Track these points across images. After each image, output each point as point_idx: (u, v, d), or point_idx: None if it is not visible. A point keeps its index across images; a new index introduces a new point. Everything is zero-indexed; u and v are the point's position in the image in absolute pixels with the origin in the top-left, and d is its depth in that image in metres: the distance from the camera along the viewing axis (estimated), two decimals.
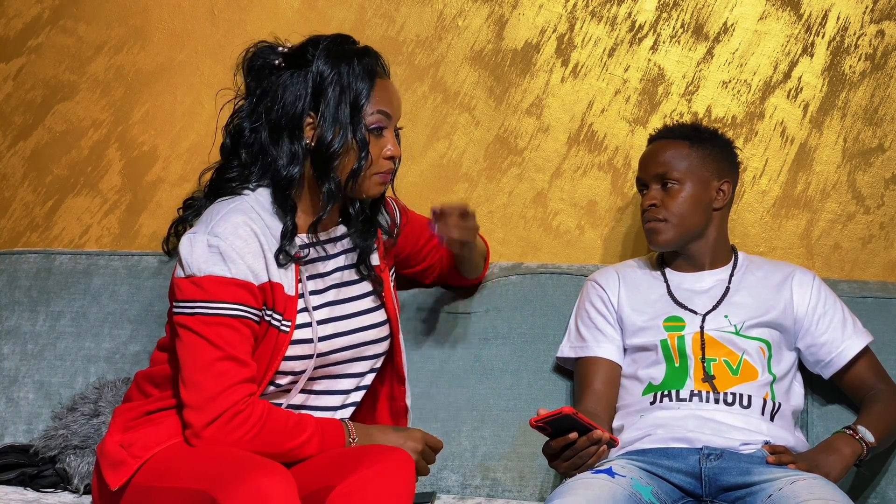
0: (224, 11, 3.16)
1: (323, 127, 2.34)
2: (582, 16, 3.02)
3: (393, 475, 2.19)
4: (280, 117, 2.36)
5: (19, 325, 2.96)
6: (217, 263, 2.26)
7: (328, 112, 2.34)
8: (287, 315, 2.33)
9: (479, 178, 3.05)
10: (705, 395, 2.51)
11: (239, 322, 2.26)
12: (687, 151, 2.60)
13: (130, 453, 2.27)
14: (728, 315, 2.58)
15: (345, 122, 2.34)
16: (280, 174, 2.35)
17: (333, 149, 2.34)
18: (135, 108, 3.20)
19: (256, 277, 2.29)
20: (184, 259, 2.28)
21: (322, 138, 2.34)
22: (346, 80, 2.35)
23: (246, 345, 2.27)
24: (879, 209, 2.91)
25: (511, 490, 2.71)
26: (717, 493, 2.42)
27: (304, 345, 2.35)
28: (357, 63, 2.36)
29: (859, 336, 2.61)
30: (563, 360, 2.72)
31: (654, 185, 2.61)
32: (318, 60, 2.35)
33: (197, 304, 2.25)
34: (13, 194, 3.24)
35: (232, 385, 2.22)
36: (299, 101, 2.35)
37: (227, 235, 2.28)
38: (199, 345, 2.24)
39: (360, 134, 2.35)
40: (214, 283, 2.25)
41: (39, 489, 2.68)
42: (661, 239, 2.60)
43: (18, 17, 3.24)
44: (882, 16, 2.91)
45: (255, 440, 2.23)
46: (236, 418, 2.22)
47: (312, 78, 2.35)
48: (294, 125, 2.35)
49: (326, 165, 2.35)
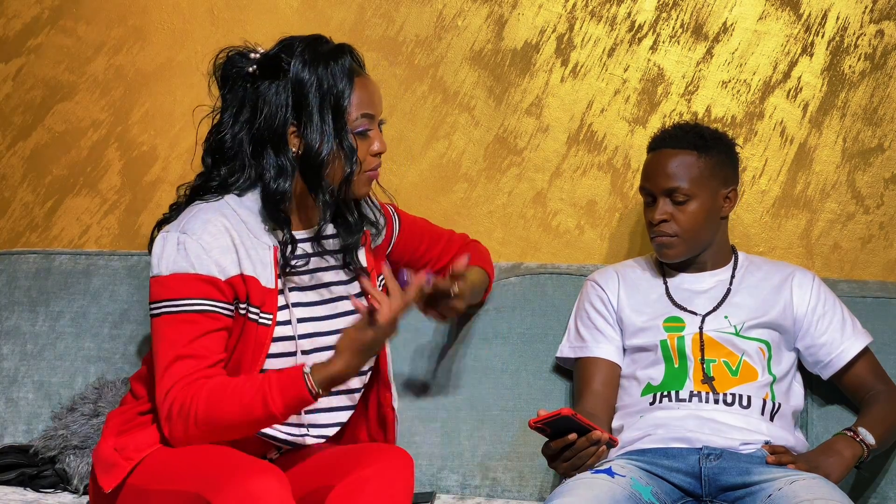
0: (224, 11, 3.16)
1: (308, 136, 2.30)
2: (581, 16, 3.01)
3: (392, 474, 2.18)
4: (262, 130, 2.32)
5: (19, 325, 2.96)
6: (181, 260, 2.27)
7: (311, 120, 2.30)
8: (266, 308, 2.31)
9: (478, 178, 3.05)
10: (705, 395, 2.51)
11: (203, 316, 2.26)
12: (695, 161, 2.56)
13: (123, 456, 2.28)
14: (728, 316, 2.58)
15: (329, 128, 2.31)
16: (270, 189, 2.32)
17: (322, 157, 2.30)
18: (134, 109, 3.19)
19: (223, 272, 2.28)
20: (154, 258, 2.31)
21: (309, 148, 2.31)
22: (326, 84, 2.31)
23: (210, 337, 2.26)
24: (879, 209, 2.91)
25: (511, 490, 2.71)
26: (717, 492, 2.42)
27: (286, 342, 2.34)
28: (334, 64, 2.32)
29: (859, 337, 2.60)
30: (562, 359, 2.72)
31: (662, 198, 2.56)
32: (295, 66, 2.31)
33: (163, 304, 2.27)
34: (13, 194, 3.24)
35: (177, 381, 2.22)
36: (280, 112, 2.31)
37: (195, 231, 2.28)
38: (160, 348, 2.26)
39: (346, 141, 2.32)
40: (178, 280, 2.27)
41: (39, 489, 2.68)
42: (671, 253, 2.58)
43: (18, 17, 3.24)
44: (882, 16, 2.91)
45: (198, 414, 2.20)
46: (174, 406, 2.22)
47: (291, 86, 2.31)
48: (278, 137, 2.32)
49: (317, 175, 2.32)
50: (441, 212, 3.03)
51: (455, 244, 2.73)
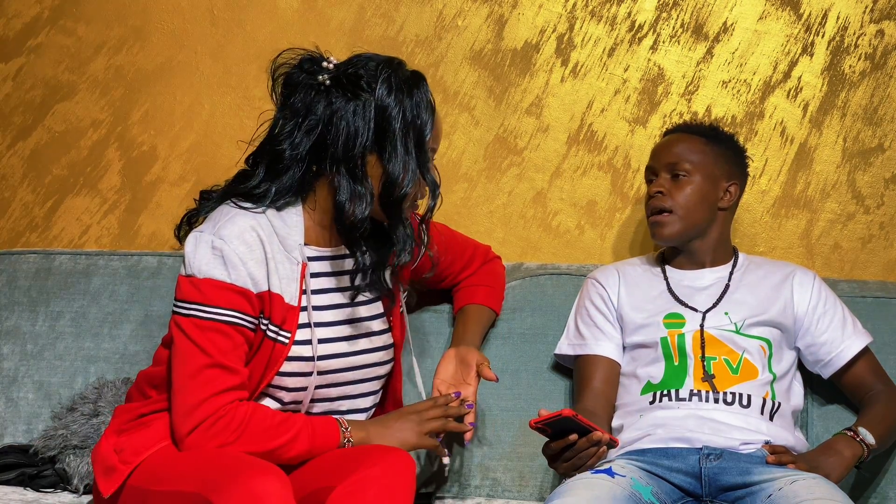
0: (224, 11, 3.16)
1: (391, 167, 2.24)
2: (581, 16, 3.01)
3: (394, 476, 2.18)
4: (335, 147, 2.24)
5: (19, 325, 2.96)
6: (217, 267, 2.24)
7: (396, 150, 2.24)
8: (286, 326, 2.29)
9: (478, 177, 3.05)
10: (705, 394, 2.51)
11: (232, 329, 2.24)
12: (702, 147, 2.62)
13: (121, 459, 2.27)
14: (728, 312, 2.58)
15: (412, 161, 2.24)
16: (348, 214, 2.24)
17: (404, 190, 2.25)
18: (134, 108, 3.19)
19: (256, 285, 2.26)
20: (187, 257, 2.27)
21: (391, 179, 2.24)
22: (411, 114, 2.25)
23: (238, 352, 2.25)
24: (879, 209, 2.91)
25: (511, 490, 2.71)
26: (717, 492, 2.42)
27: (301, 362, 2.32)
28: (418, 94, 2.27)
29: (859, 336, 2.61)
30: (561, 357, 2.72)
31: (663, 173, 2.62)
32: (380, 91, 2.23)
33: (193, 306, 2.24)
34: (13, 194, 3.24)
35: (216, 393, 2.21)
36: (361, 136, 2.23)
37: (231, 239, 2.24)
38: (189, 351, 2.23)
39: (429, 175, 2.27)
40: (212, 286, 2.24)
41: (39, 489, 2.68)
42: (665, 232, 2.60)
43: (18, 17, 3.24)
44: (882, 15, 2.91)
45: (237, 443, 2.22)
46: (217, 424, 2.21)
47: (374, 110, 2.23)
48: (355, 160, 2.24)
49: (398, 207, 2.26)
50: (441, 212, 3.00)
51: (474, 264, 2.72)
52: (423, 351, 2.74)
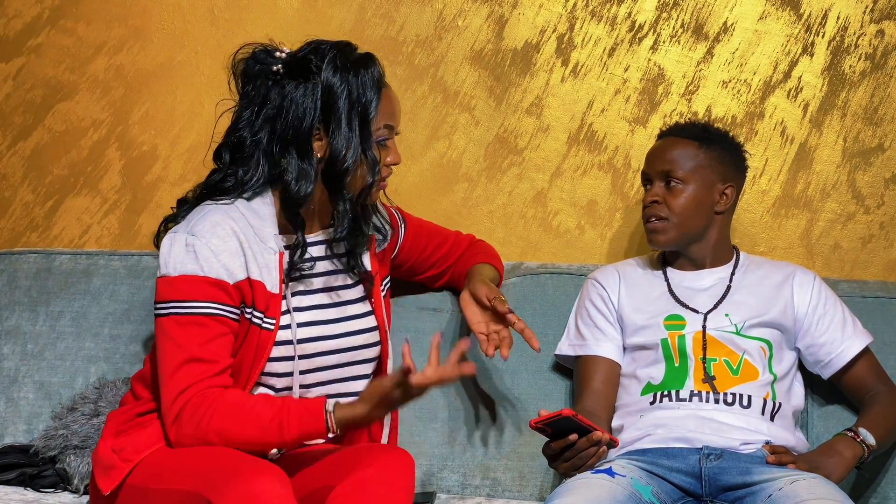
0: (224, 11, 3.16)
1: (334, 143, 2.31)
2: (582, 16, 3.01)
3: (393, 475, 2.18)
4: (286, 131, 2.32)
5: (19, 325, 2.96)
6: (190, 262, 2.27)
7: (339, 127, 2.30)
8: (270, 313, 2.32)
9: (478, 177, 3.05)
10: (705, 395, 2.51)
11: (211, 320, 2.26)
12: (695, 152, 2.60)
13: (121, 457, 2.28)
14: (729, 314, 2.58)
15: (355, 137, 2.31)
16: (292, 191, 2.32)
17: (346, 165, 2.31)
18: (134, 108, 3.19)
19: (232, 276, 2.28)
20: (162, 258, 2.30)
21: (334, 154, 2.31)
22: (356, 92, 2.31)
23: (219, 342, 2.27)
24: (879, 209, 2.91)
25: (511, 490, 2.71)
26: (717, 492, 2.42)
27: (287, 346, 2.34)
28: (364, 73, 2.33)
29: (859, 337, 2.61)
30: (561, 357, 2.72)
31: (658, 181, 2.60)
32: (326, 71, 2.31)
33: (171, 304, 2.27)
34: (13, 194, 3.24)
35: (191, 384, 2.23)
36: (308, 115, 2.31)
37: (204, 233, 2.28)
38: (169, 350, 2.25)
39: (370, 151, 2.32)
40: (187, 282, 2.26)
41: (39, 489, 2.68)
42: (661, 239, 2.60)
43: (18, 17, 3.24)
44: (882, 15, 2.91)
45: (210, 424, 2.21)
46: (188, 409, 2.22)
47: (321, 90, 2.31)
48: (302, 140, 2.31)
49: (339, 182, 2.32)
50: (441, 212, 3.03)
51: (462, 244, 2.73)
52: (424, 351, 2.73)
